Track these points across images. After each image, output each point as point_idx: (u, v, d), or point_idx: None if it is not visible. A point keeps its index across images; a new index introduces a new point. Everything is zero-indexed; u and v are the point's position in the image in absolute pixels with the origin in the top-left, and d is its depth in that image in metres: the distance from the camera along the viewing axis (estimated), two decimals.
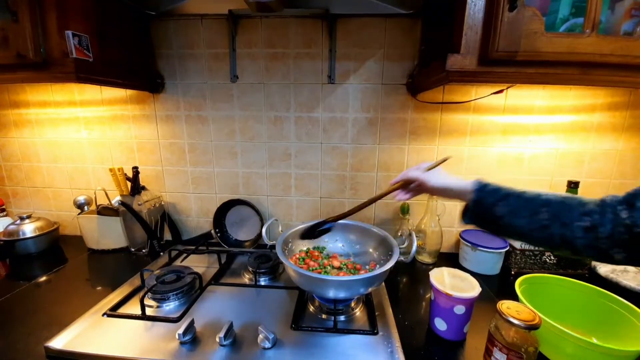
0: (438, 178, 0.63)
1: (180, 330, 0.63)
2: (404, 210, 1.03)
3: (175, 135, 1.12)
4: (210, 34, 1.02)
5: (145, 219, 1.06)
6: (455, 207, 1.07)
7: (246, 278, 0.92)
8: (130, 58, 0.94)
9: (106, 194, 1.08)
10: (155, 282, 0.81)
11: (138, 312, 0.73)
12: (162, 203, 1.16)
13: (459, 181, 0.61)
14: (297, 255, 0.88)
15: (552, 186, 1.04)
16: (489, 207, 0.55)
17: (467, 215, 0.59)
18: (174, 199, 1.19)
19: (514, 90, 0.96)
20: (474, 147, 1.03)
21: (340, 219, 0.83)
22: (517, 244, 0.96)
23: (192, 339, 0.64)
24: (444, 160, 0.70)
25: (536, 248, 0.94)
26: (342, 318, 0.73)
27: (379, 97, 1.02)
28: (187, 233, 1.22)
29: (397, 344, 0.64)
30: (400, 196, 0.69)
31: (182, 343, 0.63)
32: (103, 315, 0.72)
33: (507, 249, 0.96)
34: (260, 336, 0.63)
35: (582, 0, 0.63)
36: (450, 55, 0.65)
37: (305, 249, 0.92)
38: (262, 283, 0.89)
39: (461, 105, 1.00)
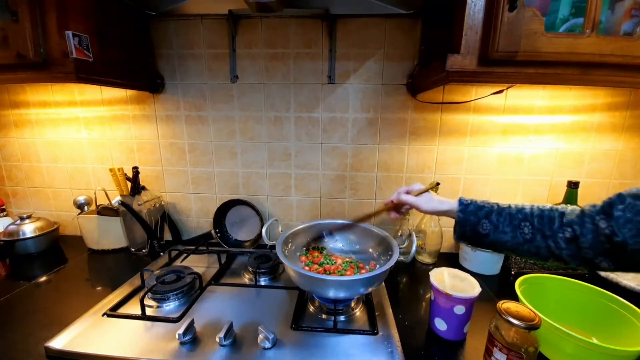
0: (428, 203, 0.68)
1: (180, 331, 0.63)
2: None
3: (175, 136, 1.12)
4: (210, 34, 1.02)
5: (145, 219, 1.06)
6: None
7: (246, 278, 0.92)
8: (130, 58, 0.94)
9: (106, 194, 1.08)
10: (155, 282, 0.81)
11: (138, 312, 0.73)
12: (162, 203, 1.16)
13: (446, 203, 0.65)
14: (305, 259, 0.88)
15: (552, 186, 1.04)
16: (473, 226, 0.58)
17: (456, 234, 0.63)
18: (174, 199, 1.19)
19: (514, 90, 0.96)
20: (474, 147, 1.03)
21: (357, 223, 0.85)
22: None
23: (192, 339, 0.64)
24: (435, 186, 0.75)
25: None
26: (342, 318, 0.73)
27: (379, 97, 1.02)
28: (187, 233, 1.22)
29: (397, 344, 0.64)
30: (393, 215, 0.76)
31: (182, 343, 0.63)
32: (103, 315, 0.72)
33: None
34: (260, 336, 0.63)
35: (582, 0, 0.63)
36: (450, 56, 0.65)
37: (304, 249, 0.92)
38: (262, 283, 0.89)
39: (461, 106, 1.00)
